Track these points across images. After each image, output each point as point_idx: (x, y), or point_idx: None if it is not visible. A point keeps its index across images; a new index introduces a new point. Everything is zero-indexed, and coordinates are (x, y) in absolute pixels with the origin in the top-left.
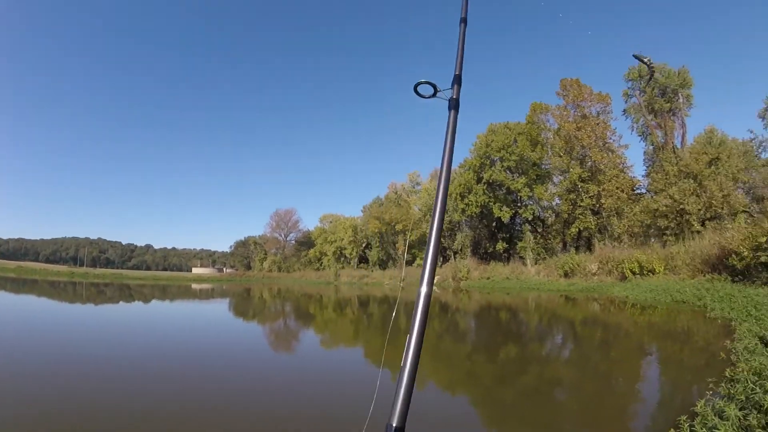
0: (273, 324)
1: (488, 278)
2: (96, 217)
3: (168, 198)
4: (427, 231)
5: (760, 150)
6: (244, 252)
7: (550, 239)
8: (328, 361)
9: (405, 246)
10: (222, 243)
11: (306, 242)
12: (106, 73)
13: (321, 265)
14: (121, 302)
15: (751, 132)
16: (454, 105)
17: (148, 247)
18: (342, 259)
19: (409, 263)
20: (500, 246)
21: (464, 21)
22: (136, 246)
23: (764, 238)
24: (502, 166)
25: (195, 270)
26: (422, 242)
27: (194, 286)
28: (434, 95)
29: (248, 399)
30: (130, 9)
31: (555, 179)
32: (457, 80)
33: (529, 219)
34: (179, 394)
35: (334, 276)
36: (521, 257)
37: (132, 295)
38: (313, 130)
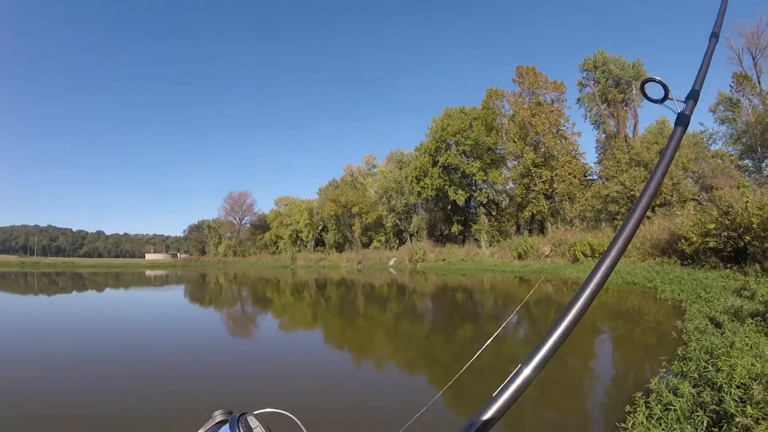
0: (230, 309)
1: (444, 260)
2: (45, 204)
3: (119, 181)
4: (383, 214)
5: (710, 142)
6: (198, 236)
7: (504, 222)
8: (287, 345)
9: (360, 229)
10: (175, 227)
11: (261, 225)
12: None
13: (277, 248)
14: (74, 292)
15: (702, 125)
16: (684, 121)
17: (100, 233)
18: (298, 242)
19: (366, 245)
20: (456, 228)
21: (715, 36)
22: (87, 233)
23: (713, 225)
24: (458, 150)
25: (148, 256)
26: (378, 225)
27: (148, 272)
28: (662, 101)
29: (208, 384)
30: None
31: (509, 164)
32: (695, 96)
33: (484, 202)
34: (134, 382)
35: (291, 259)
36: (476, 239)
37: (85, 284)
38: (268, 110)
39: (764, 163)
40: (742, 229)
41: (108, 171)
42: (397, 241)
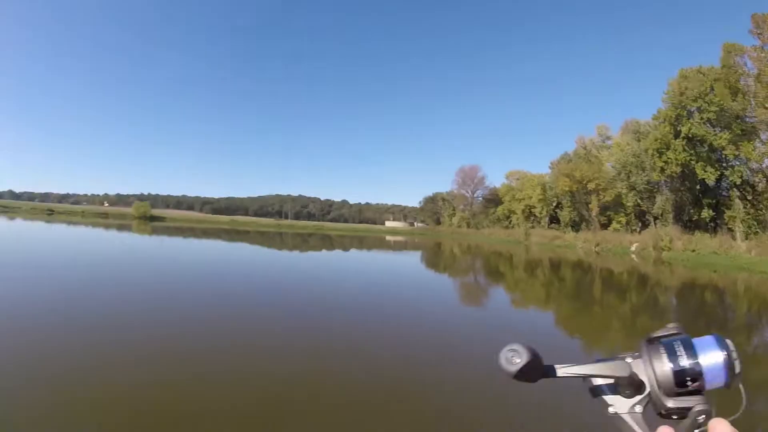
0: (464, 278)
1: (693, 251)
2: (296, 177)
3: (360, 155)
4: (622, 192)
5: None
6: (433, 208)
7: (762, 210)
8: (516, 322)
9: (597, 207)
10: (411, 198)
11: (493, 199)
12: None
13: (510, 223)
14: (323, 250)
15: None
16: None
17: (344, 202)
18: (532, 218)
19: (604, 226)
20: (706, 214)
21: None
22: (333, 201)
23: None
24: (701, 119)
25: (388, 223)
26: (617, 204)
27: (388, 237)
28: None
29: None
30: None
31: (762, 136)
32: None
33: (737, 183)
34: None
35: (524, 235)
36: (729, 229)
37: (332, 244)
38: (495, 83)
39: None
40: None
41: (351, 146)
42: (639, 223)
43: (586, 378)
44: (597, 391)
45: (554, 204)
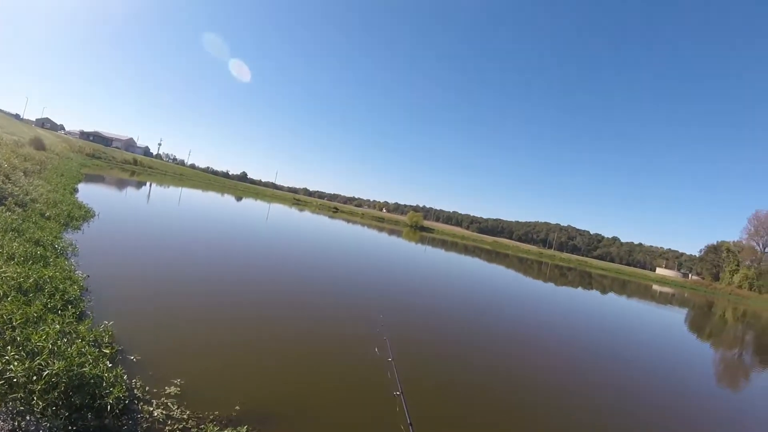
0: (726, 351)
1: None
2: (567, 206)
3: (642, 192)
4: None
5: None
6: (714, 259)
7: None
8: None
9: None
10: (691, 244)
11: None
12: None
13: None
14: (579, 288)
15: None
16: None
17: (615, 239)
18: None
19: None
20: None
21: None
22: (603, 237)
23: None
24: None
25: (659, 270)
26: None
27: (655, 287)
28: None
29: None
30: None
31: None
32: None
33: None
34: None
35: None
36: None
37: (591, 283)
38: None
39: None
40: None
41: (625, 179)
42: None
43: None
44: None
45: None
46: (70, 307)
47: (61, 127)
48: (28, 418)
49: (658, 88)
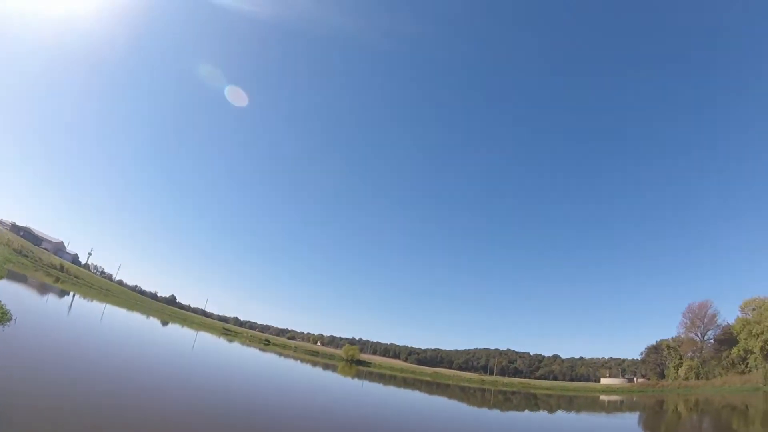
0: None
1: None
2: (505, 330)
3: (575, 308)
4: None
5: None
6: (656, 358)
7: None
8: None
9: None
10: (632, 350)
11: (726, 340)
12: None
13: (746, 366)
14: (526, 411)
15: None
16: None
17: (556, 357)
18: None
19: None
20: None
21: None
22: (543, 356)
23: None
24: None
25: (604, 380)
26: None
27: (602, 397)
28: None
29: None
30: None
31: None
32: None
33: None
34: None
35: (763, 379)
36: None
37: (537, 404)
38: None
39: None
40: None
41: (569, 299)
42: None
43: None
44: None
45: None
46: None
47: None
48: None
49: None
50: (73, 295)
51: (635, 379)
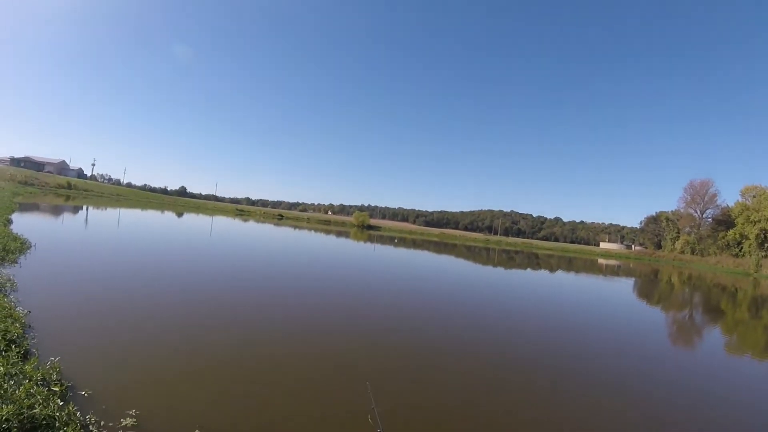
0: (678, 313)
1: None
2: (509, 193)
3: (579, 171)
4: None
5: None
6: (655, 229)
7: None
8: (727, 367)
9: None
10: (632, 218)
11: (724, 221)
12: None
13: (740, 250)
14: (528, 269)
15: None
16: None
17: (557, 219)
18: (767, 245)
19: None
20: None
21: None
22: (545, 218)
23: None
24: None
25: (603, 245)
26: None
27: (600, 261)
28: None
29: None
30: None
31: None
32: None
33: None
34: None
35: (755, 266)
36: None
37: (539, 263)
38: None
39: None
40: None
41: (565, 160)
42: None
43: None
44: None
45: None
46: (13, 346)
47: None
48: None
49: (592, 64)
50: (87, 208)
51: (633, 246)
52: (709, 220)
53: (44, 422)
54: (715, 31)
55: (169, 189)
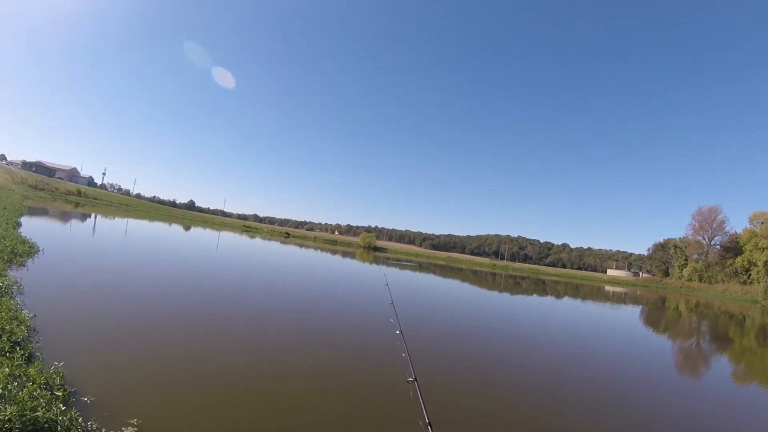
0: (685, 342)
1: None
2: (517, 218)
3: (587, 199)
4: None
5: None
6: (663, 256)
7: None
8: (735, 397)
9: None
10: (639, 245)
11: (732, 248)
12: None
13: (749, 277)
14: (534, 295)
15: None
16: None
17: (565, 245)
18: None
19: None
20: None
21: None
22: (553, 244)
23: None
24: None
25: (610, 272)
26: None
27: (607, 288)
28: None
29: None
30: None
31: None
32: None
33: None
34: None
35: (763, 293)
36: None
37: (545, 290)
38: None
39: None
40: None
41: (573, 187)
42: None
43: None
44: None
45: None
46: (18, 348)
47: (2, 157)
48: None
49: (603, 96)
50: (95, 216)
51: (640, 273)
52: (718, 246)
53: (46, 425)
54: (723, 66)
55: (178, 202)
